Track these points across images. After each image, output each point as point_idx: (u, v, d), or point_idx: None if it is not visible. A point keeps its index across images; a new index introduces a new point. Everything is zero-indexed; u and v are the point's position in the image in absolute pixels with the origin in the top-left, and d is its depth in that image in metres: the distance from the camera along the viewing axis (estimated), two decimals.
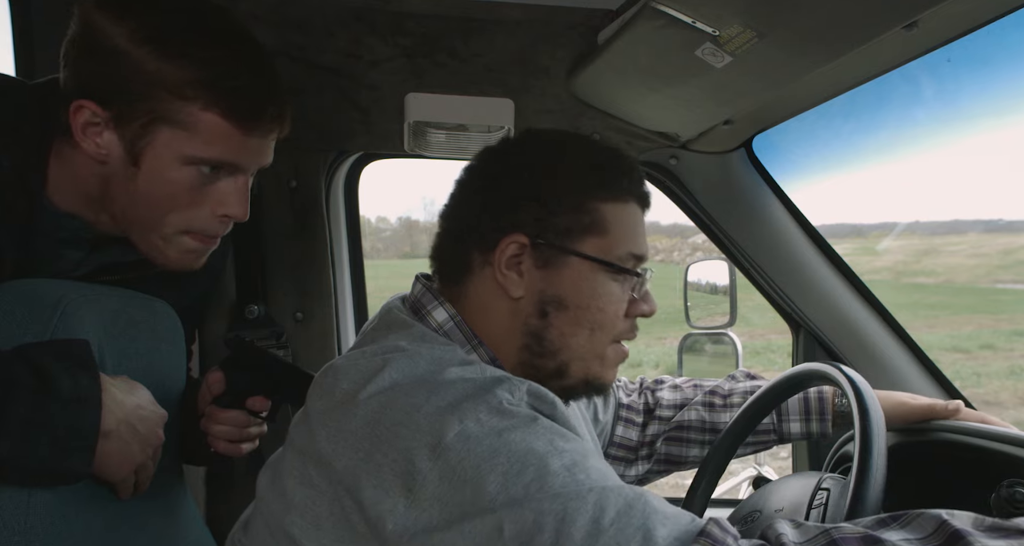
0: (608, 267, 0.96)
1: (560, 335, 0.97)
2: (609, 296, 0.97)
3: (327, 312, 1.68)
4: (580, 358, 0.98)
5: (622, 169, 1.00)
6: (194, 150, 0.99)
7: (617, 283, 0.98)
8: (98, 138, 0.98)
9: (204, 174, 1.02)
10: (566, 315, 0.96)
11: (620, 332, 1.00)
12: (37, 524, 0.90)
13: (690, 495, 1.31)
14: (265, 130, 1.04)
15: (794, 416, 1.36)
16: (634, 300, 1.00)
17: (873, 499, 0.95)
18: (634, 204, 1.01)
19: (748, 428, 1.34)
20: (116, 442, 0.94)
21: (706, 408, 1.39)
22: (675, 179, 1.76)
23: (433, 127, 1.59)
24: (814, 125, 7.98)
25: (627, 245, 0.98)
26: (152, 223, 1.04)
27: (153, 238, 1.05)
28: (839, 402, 1.35)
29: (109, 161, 1.00)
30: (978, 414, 1.31)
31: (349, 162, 1.79)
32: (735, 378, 1.45)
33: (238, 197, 1.06)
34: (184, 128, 0.98)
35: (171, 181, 1.00)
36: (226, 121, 0.99)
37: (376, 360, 0.87)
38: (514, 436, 0.78)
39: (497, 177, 0.99)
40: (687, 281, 2.02)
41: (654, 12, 1.18)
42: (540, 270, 0.96)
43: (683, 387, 1.46)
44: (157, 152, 0.99)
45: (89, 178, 1.02)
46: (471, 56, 1.57)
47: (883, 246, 19.53)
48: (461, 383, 0.83)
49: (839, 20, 1.05)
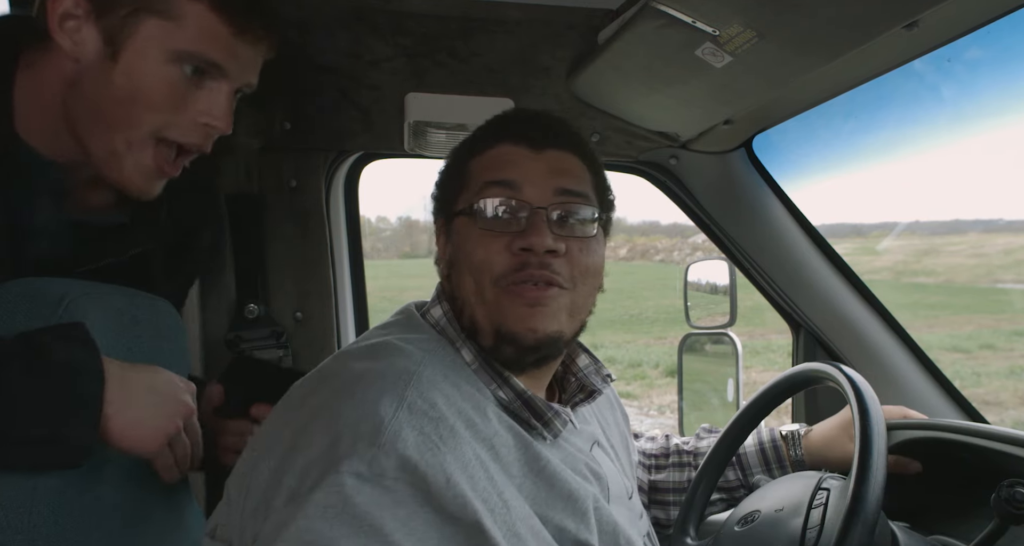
0: (468, 212, 0.98)
1: (459, 289, 0.99)
2: (473, 239, 0.97)
3: (327, 312, 1.69)
4: (475, 306, 0.96)
5: (487, 125, 1.05)
6: (180, 43, 0.94)
7: (476, 223, 0.97)
8: (76, 34, 0.93)
9: (187, 75, 0.96)
10: (456, 270, 0.99)
11: (502, 272, 0.94)
12: (40, 524, 0.90)
13: (690, 495, 1.31)
14: (254, 35, 1.00)
15: (757, 468, 1.38)
16: (514, 236, 0.94)
17: (873, 499, 0.95)
18: (504, 145, 1.00)
19: (749, 428, 1.34)
20: (136, 412, 0.92)
21: (676, 468, 1.41)
22: (675, 179, 1.76)
23: (433, 127, 1.59)
24: (814, 125, 7.92)
25: (482, 180, 0.98)
26: (121, 123, 0.96)
27: (116, 142, 0.97)
28: (793, 454, 1.38)
29: (82, 58, 0.94)
30: (899, 409, 1.37)
31: (349, 162, 1.79)
32: (699, 436, 1.46)
33: (220, 104, 0.99)
34: (170, 18, 0.94)
35: (151, 76, 0.94)
36: (215, 14, 0.95)
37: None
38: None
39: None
40: (687, 281, 2.02)
41: (654, 12, 1.18)
42: (447, 239, 1.02)
43: (657, 439, 1.47)
44: (139, 46, 0.93)
45: (54, 82, 0.95)
46: (471, 56, 1.57)
47: (883, 246, 19.53)
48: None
49: (839, 20, 1.05)
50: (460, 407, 0.87)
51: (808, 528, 1.03)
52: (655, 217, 30.21)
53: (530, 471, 0.89)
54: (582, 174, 1.02)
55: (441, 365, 0.92)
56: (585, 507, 0.91)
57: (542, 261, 0.94)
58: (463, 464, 0.80)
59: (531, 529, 0.84)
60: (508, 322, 0.94)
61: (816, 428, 1.40)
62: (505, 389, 0.95)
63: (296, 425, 0.83)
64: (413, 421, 0.80)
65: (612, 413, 1.27)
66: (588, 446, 1.05)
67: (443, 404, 0.85)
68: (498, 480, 0.84)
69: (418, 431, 0.79)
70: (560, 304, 0.96)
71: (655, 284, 21.08)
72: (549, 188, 0.97)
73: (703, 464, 1.33)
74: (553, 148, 1.00)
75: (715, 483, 1.33)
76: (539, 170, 0.98)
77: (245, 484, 0.83)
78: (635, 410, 9.87)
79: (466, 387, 0.92)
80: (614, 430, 1.23)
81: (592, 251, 0.99)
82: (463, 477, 0.79)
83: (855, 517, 0.94)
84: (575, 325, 1.00)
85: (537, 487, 0.89)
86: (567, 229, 0.97)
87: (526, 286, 0.94)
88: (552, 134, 1.01)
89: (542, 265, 0.94)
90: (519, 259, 0.94)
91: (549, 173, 0.98)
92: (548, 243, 0.94)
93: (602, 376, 1.11)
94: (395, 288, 2.38)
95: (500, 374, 0.95)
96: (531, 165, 0.98)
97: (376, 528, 0.73)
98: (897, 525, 1.12)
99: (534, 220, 0.95)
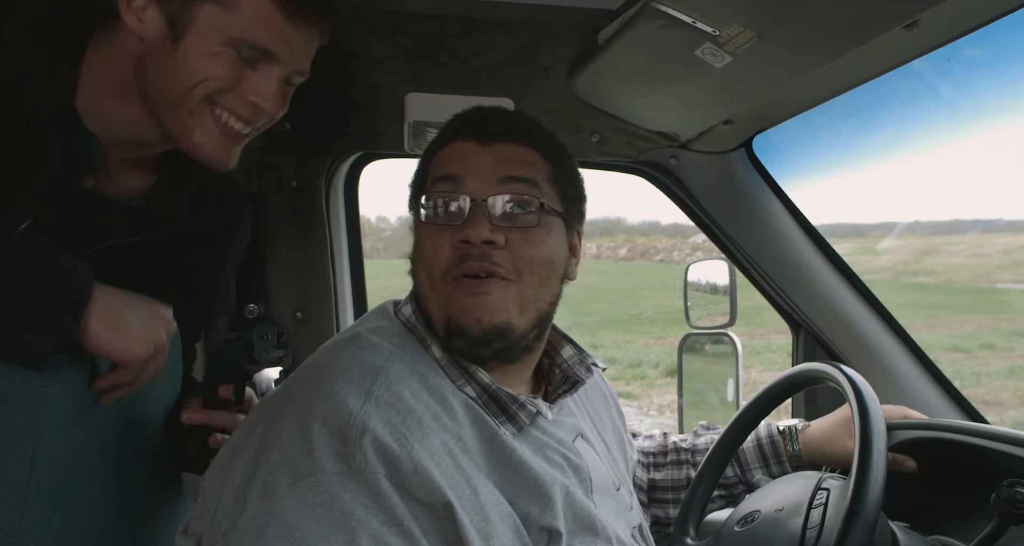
0: (416, 209, 1.01)
1: (416, 285, 1.03)
2: (422, 234, 1.01)
3: (327, 312, 1.69)
4: (427, 299, 1.00)
5: (449, 123, 1.07)
6: (234, 31, 1.00)
7: (428, 221, 1.00)
8: (141, 13, 0.99)
9: (240, 59, 1.02)
10: (413, 264, 1.03)
11: (447, 266, 0.97)
12: (32, 526, 0.90)
13: (690, 495, 1.31)
14: (305, 20, 1.05)
15: (754, 464, 1.39)
16: (456, 229, 0.97)
17: (873, 499, 0.95)
18: (457, 142, 1.02)
19: (749, 428, 1.34)
20: (117, 320, 0.95)
21: (675, 466, 1.42)
22: (675, 179, 1.76)
23: (433, 127, 1.59)
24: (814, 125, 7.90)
25: (432, 175, 1.02)
26: (181, 94, 1.02)
27: (181, 113, 1.03)
28: (791, 449, 1.38)
29: (147, 37, 1.00)
30: (899, 409, 1.37)
31: (349, 162, 1.79)
32: (696, 433, 1.47)
33: (271, 90, 1.06)
34: (225, 6, 0.99)
35: (208, 57, 1.01)
36: (268, 1, 1.00)
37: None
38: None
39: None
40: (687, 281, 2.02)
41: (654, 12, 1.18)
42: (413, 237, 1.05)
43: (655, 437, 1.48)
44: (198, 30, 1.00)
45: (124, 61, 1.02)
46: (471, 56, 1.57)
47: (883, 246, 19.54)
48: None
49: (839, 20, 1.05)
50: (426, 401, 0.90)
51: (808, 528, 1.03)
52: (655, 217, 30.24)
53: (496, 461, 0.92)
54: (534, 165, 1.02)
55: (410, 360, 0.94)
56: (550, 493, 0.92)
57: (482, 253, 0.96)
58: (430, 453, 0.83)
59: (500, 514, 0.87)
60: (456, 314, 0.96)
61: (814, 424, 1.40)
62: (472, 384, 0.97)
63: (269, 419, 0.86)
64: (380, 414, 0.83)
65: (607, 409, 1.28)
66: (571, 437, 1.07)
67: (409, 397, 0.87)
68: (466, 468, 0.86)
69: (385, 423, 0.82)
70: (504, 295, 0.97)
71: (655, 284, 21.07)
72: (492, 179, 0.99)
73: (703, 464, 1.33)
74: (504, 141, 1.01)
75: (715, 483, 1.33)
76: (485, 162, 1.00)
77: (222, 477, 0.84)
78: (635, 410, 9.88)
79: (433, 382, 0.94)
80: (607, 425, 1.24)
81: (538, 241, 0.99)
82: (431, 464, 0.82)
83: (855, 517, 0.94)
84: (529, 316, 1.00)
85: (503, 475, 0.91)
86: (509, 220, 0.98)
87: (467, 279, 0.96)
88: (503, 128, 1.03)
89: (482, 257, 0.96)
90: (460, 252, 0.96)
91: (494, 164, 1.00)
92: (484, 234, 0.95)
93: (586, 366, 1.12)
94: (395, 288, 2.40)
95: (466, 369, 0.97)
96: (477, 158, 1.00)
97: (362, 522, 0.76)
98: (897, 525, 1.12)
99: (473, 212, 0.97)
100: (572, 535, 0.93)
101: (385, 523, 0.77)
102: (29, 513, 0.89)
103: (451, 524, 0.80)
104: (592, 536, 0.96)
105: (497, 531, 0.84)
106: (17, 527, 0.88)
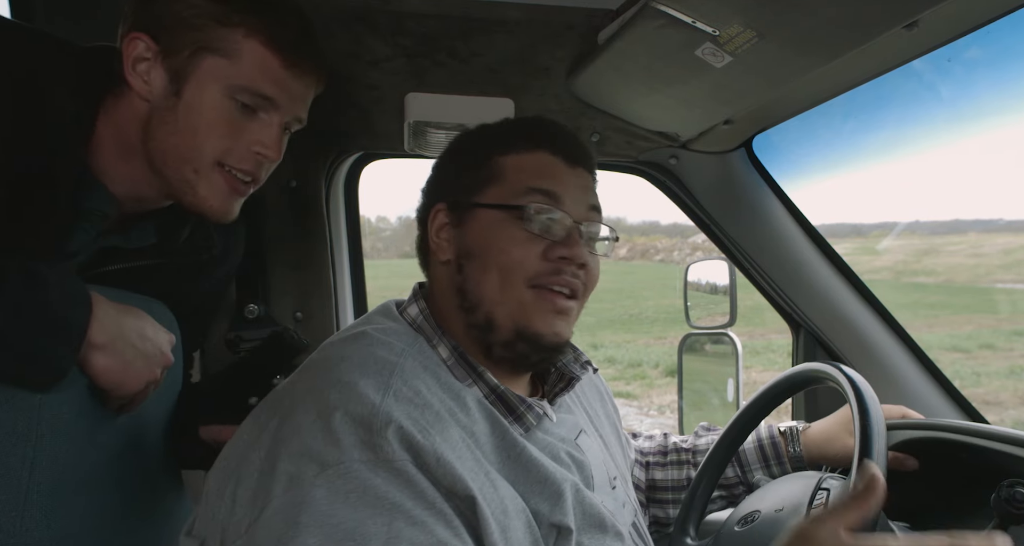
0: (504, 209, 1.00)
1: (476, 284, 1.00)
2: (511, 238, 0.99)
3: (327, 312, 1.69)
4: (497, 303, 0.99)
5: (522, 127, 1.10)
6: (236, 79, 1.04)
7: (518, 224, 1.00)
8: (146, 75, 1.03)
9: (242, 108, 1.05)
10: (476, 263, 1.01)
11: (535, 274, 0.98)
12: (33, 527, 0.90)
13: (690, 495, 1.31)
14: (302, 68, 1.09)
15: (755, 465, 1.39)
16: (552, 244, 0.99)
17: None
18: (543, 153, 1.04)
19: (749, 428, 1.34)
20: (116, 356, 0.96)
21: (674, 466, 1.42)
22: (675, 179, 1.76)
23: (433, 127, 1.59)
24: (814, 125, 7.89)
25: (526, 183, 1.01)
26: (188, 153, 1.05)
27: (186, 171, 1.06)
28: (792, 450, 1.39)
29: (152, 97, 1.04)
30: (898, 409, 1.39)
31: (349, 162, 1.79)
32: (697, 434, 1.48)
33: (271, 135, 1.09)
34: (227, 56, 1.03)
35: (210, 109, 1.04)
36: (267, 49, 1.04)
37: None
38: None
39: (435, 165, 1.12)
40: (687, 281, 2.02)
41: (654, 12, 1.18)
42: (456, 229, 1.03)
43: (655, 437, 1.48)
44: (200, 80, 1.03)
45: (131, 123, 1.05)
46: (471, 56, 1.57)
47: (883, 246, 19.55)
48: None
49: (839, 20, 1.05)
50: (440, 396, 0.91)
51: None
52: (655, 217, 30.23)
53: (508, 458, 0.92)
54: (598, 195, 1.09)
55: (421, 357, 0.95)
56: (560, 490, 0.93)
57: (575, 272, 1.00)
58: (451, 446, 0.84)
59: (516, 509, 0.88)
60: (535, 324, 0.99)
61: (815, 425, 1.40)
62: (480, 384, 0.97)
63: (282, 412, 0.85)
64: (400, 407, 0.84)
65: (603, 405, 1.29)
66: (573, 435, 1.07)
67: (426, 392, 0.89)
68: (483, 462, 0.88)
69: (407, 415, 0.83)
70: (574, 315, 1.03)
71: (655, 284, 21.07)
72: (583, 205, 1.04)
73: (703, 464, 1.33)
74: (583, 167, 1.07)
75: (715, 483, 1.33)
76: (575, 185, 1.04)
77: (235, 474, 0.84)
78: (635, 410, 9.87)
79: (444, 379, 0.95)
80: (604, 421, 1.25)
81: (599, 267, 1.07)
82: (452, 457, 0.82)
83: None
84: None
85: (515, 472, 0.92)
86: (592, 246, 1.05)
87: (557, 293, 0.99)
88: (584, 153, 1.08)
89: (575, 275, 1.00)
90: (554, 265, 0.99)
91: (581, 190, 1.05)
92: (586, 257, 1.01)
93: (580, 363, 1.14)
94: (395, 288, 2.40)
95: (475, 369, 0.98)
96: (570, 179, 1.04)
97: (397, 505, 0.77)
98: (897, 525, 1.12)
99: (573, 233, 1.01)
100: (581, 531, 0.94)
101: (419, 505, 0.78)
102: (30, 514, 0.89)
103: (474, 515, 0.81)
104: (601, 532, 0.97)
105: (513, 525, 0.85)
106: (17, 528, 0.88)
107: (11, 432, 0.89)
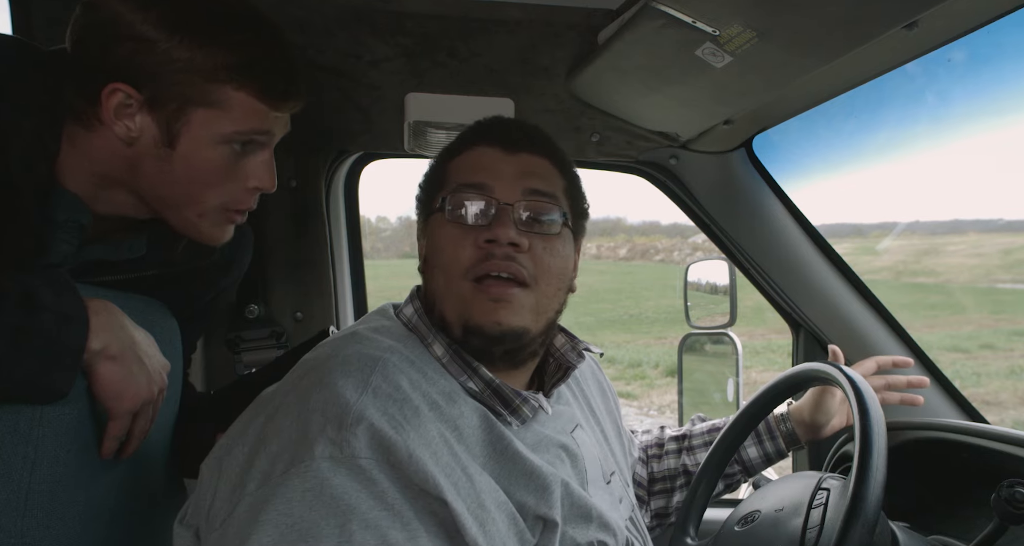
0: (440, 210, 1.03)
1: (429, 283, 1.04)
2: (446, 235, 1.01)
3: (327, 312, 1.69)
4: (445, 302, 1.00)
5: (471, 129, 1.11)
6: (228, 127, 1.02)
7: (451, 222, 1.02)
8: (130, 121, 1.00)
9: (236, 151, 1.05)
10: (428, 266, 1.05)
11: (469, 265, 0.98)
12: (33, 527, 0.90)
13: (690, 495, 1.31)
14: (292, 102, 1.09)
15: (748, 442, 1.40)
16: (481, 230, 0.99)
17: (873, 499, 0.95)
18: (480, 147, 1.06)
19: (748, 428, 1.34)
20: (120, 367, 0.96)
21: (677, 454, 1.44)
22: (675, 179, 1.76)
23: (433, 127, 1.59)
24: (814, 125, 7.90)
25: (457, 181, 1.04)
26: (189, 201, 1.06)
27: (188, 215, 1.07)
28: (784, 428, 1.40)
29: (138, 143, 1.01)
30: (871, 362, 1.43)
31: (349, 162, 1.79)
32: (692, 423, 1.49)
33: (266, 169, 1.09)
34: (218, 107, 1.01)
35: (207, 160, 1.03)
36: (258, 99, 1.03)
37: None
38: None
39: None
40: (687, 281, 2.02)
41: (654, 12, 1.18)
42: (424, 237, 1.08)
43: (652, 431, 1.49)
44: (193, 133, 1.01)
45: (110, 159, 1.02)
46: (471, 56, 1.57)
47: (883, 246, 19.55)
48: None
49: (839, 20, 1.06)
50: (425, 390, 0.91)
51: (808, 528, 1.03)
52: (655, 217, 30.25)
53: (493, 451, 0.93)
54: (552, 178, 1.06)
55: (410, 354, 0.96)
56: (547, 484, 0.93)
57: (506, 253, 0.98)
58: (426, 442, 0.84)
59: (496, 502, 0.88)
60: (475, 316, 0.98)
61: (799, 401, 1.43)
62: (475, 379, 0.98)
63: (268, 411, 0.87)
64: (377, 403, 0.85)
65: (604, 400, 1.30)
66: (569, 428, 1.08)
67: (407, 386, 0.89)
68: (462, 457, 0.88)
69: (382, 411, 0.84)
70: (523, 302, 0.99)
71: (655, 284, 21.06)
72: (518, 188, 1.02)
73: (703, 464, 1.33)
74: (526, 152, 1.05)
75: (715, 483, 1.33)
76: (510, 171, 1.03)
77: (219, 467, 0.86)
78: (635, 410, 9.87)
79: (434, 375, 0.95)
80: (604, 415, 1.26)
81: (556, 251, 1.03)
82: (426, 453, 0.83)
83: (855, 517, 0.94)
84: (541, 323, 1.03)
85: (500, 465, 0.92)
86: (532, 226, 1.01)
87: (490, 281, 0.98)
88: (527, 138, 1.06)
89: (506, 257, 0.98)
90: (483, 252, 0.98)
91: (519, 174, 1.03)
92: (511, 235, 0.98)
93: (577, 351, 1.14)
94: (395, 288, 2.40)
95: (470, 364, 0.98)
96: (503, 166, 1.03)
97: (352, 507, 0.77)
98: (897, 525, 1.12)
99: (500, 215, 1.00)
100: (567, 523, 0.95)
101: (376, 507, 0.78)
102: (30, 514, 0.89)
103: (446, 510, 0.82)
104: (585, 523, 0.98)
105: (493, 518, 0.86)
106: (18, 528, 0.88)
107: (12, 432, 0.89)
